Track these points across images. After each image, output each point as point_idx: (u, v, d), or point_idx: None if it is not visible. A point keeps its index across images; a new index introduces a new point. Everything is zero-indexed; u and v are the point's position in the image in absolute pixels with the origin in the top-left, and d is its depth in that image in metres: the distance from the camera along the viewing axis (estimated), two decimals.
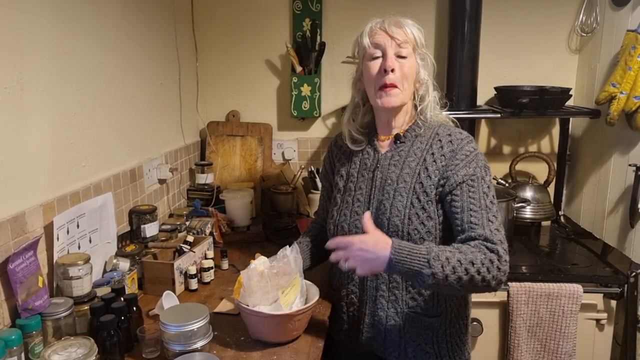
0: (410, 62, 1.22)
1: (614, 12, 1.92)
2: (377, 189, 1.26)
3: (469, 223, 1.13)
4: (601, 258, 1.91)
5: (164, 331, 1.11)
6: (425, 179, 1.20)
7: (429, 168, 1.20)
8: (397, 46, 1.21)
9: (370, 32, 1.24)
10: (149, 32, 1.86)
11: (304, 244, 1.43)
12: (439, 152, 1.21)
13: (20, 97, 1.18)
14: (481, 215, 1.14)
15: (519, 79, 2.23)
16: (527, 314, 1.74)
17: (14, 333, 1.01)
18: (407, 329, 1.22)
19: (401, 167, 1.24)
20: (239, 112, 2.39)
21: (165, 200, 2.00)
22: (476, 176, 1.17)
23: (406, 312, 1.22)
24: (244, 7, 2.30)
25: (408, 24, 1.24)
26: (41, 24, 1.25)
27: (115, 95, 1.62)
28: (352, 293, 1.29)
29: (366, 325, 1.27)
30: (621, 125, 1.80)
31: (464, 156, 1.19)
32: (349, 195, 1.30)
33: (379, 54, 1.22)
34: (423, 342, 1.23)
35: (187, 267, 1.52)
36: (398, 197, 1.21)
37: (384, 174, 1.26)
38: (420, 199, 1.19)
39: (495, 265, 1.08)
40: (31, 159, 1.23)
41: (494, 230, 1.12)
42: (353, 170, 1.33)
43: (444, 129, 1.25)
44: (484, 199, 1.16)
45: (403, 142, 1.27)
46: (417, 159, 1.23)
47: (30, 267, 1.14)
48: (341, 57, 2.30)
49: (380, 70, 1.21)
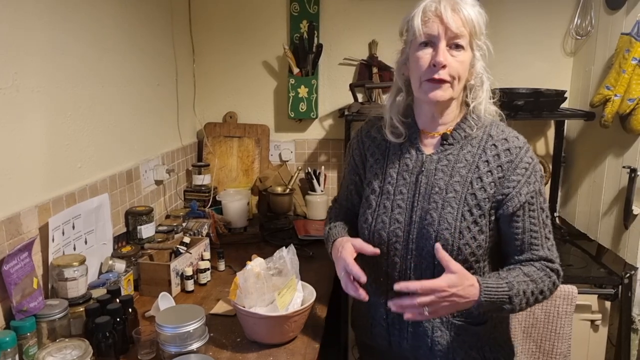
0: (465, 54, 1.08)
1: (608, 16, 1.93)
2: (422, 195, 1.13)
3: (529, 244, 1.11)
4: (596, 259, 1.92)
5: (160, 332, 1.11)
6: (479, 191, 1.10)
7: (483, 179, 1.10)
8: (452, 36, 1.06)
9: (423, 14, 1.07)
10: (146, 33, 1.86)
11: (340, 227, 1.29)
12: (495, 162, 1.10)
13: (16, 98, 1.18)
14: (540, 235, 1.11)
15: (515, 81, 2.24)
16: (522, 315, 1.74)
17: (8, 335, 1.01)
18: (453, 338, 1.16)
19: (450, 174, 1.12)
20: (236, 113, 2.39)
21: (162, 201, 1.99)
22: (536, 192, 1.11)
23: (452, 322, 1.15)
24: (241, 8, 2.30)
25: (467, 5, 1.07)
26: (37, 24, 1.25)
27: (112, 96, 1.62)
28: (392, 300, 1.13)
29: (409, 334, 1.18)
30: (615, 128, 1.81)
31: (524, 170, 1.10)
32: (387, 199, 1.17)
33: (430, 43, 1.07)
34: (469, 349, 1.17)
35: (183, 268, 1.52)
36: (448, 207, 1.10)
37: (430, 180, 1.13)
38: (472, 211, 1.10)
39: (555, 285, 1.12)
40: (27, 160, 1.22)
41: (552, 248, 1.13)
42: (391, 171, 1.18)
43: (496, 129, 1.14)
44: (542, 216, 1.12)
45: (451, 144, 1.14)
46: (469, 166, 1.12)
47: (25, 268, 1.13)
48: (338, 58, 2.31)
49: (430, 64, 1.07)
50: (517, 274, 1.08)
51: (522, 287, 1.06)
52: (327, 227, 1.31)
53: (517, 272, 1.09)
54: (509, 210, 1.09)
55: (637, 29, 1.67)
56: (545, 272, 1.10)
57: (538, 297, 1.09)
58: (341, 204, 1.36)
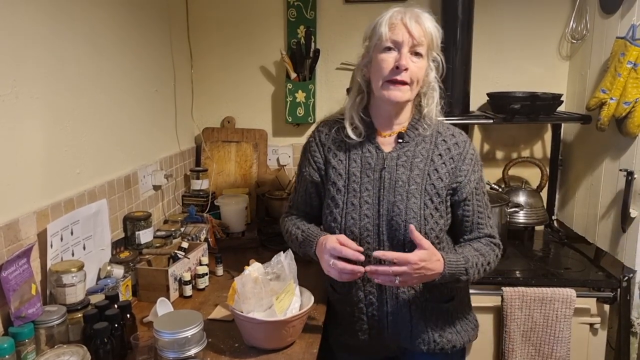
0: (423, 62, 1.22)
1: (603, 20, 1.95)
2: (387, 190, 1.25)
3: (477, 224, 1.29)
4: (594, 262, 1.92)
5: (158, 338, 1.11)
6: (436, 181, 1.25)
7: (439, 170, 1.26)
8: (414, 44, 1.19)
9: (389, 22, 1.21)
10: (144, 40, 1.87)
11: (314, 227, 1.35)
12: (447, 154, 1.27)
13: (15, 104, 1.18)
14: (485, 215, 1.30)
15: (511, 85, 2.25)
16: (521, 319, 1.74)
17: (7, 341, 1.01)
18: (428, 318, 1.30)
19: (410, 168, 1.26)
20: (234, 118, 2.40)
21: (160, 206, 1.99)
22: (480, 178, 1.30)
23: (425, 303, 1.30)
24: (239, 14, 2.31)
25: (427, 20, 1.22)
26: (35, 32, 1.26)
27: (110, 102, 1.62)
28: (370, 294, 1.30)
29: (390, 322, 1.30)
30: (612, 131, 1.81)
31: (470, 160, 1.28)
32: (354, 197, 1.27)
33: (394, 47, 1.20)
34: (443, 325, 1.32)
35: (181, 273, 1.52)
36: (412, 198, 1.24)
37: (392, 175, 1.26)
38: (433, 200, 1.25)
39: (498, 257, 1.31)
40: (25, 166, 1.23)
41: (493, 226, 1.32)
42: (354, 170, 1.29)
43: (442, 127, 1.31)
44: (485, 199, 1.31)
45: (407, 142, 1.28)
46: (425, 160, 1.27)
47: (24, 274, 1.13)
48: (335, 63, 2.32)
49: (394, 66, 1.19)
50: (470, 249, 1.26)
51: (475, 260, 1.23)
52: (296, 232, 1.36)
53: (469, 248, 1.27)
54: (462, 197, 1.27)
55: (631, 33, 1.68)
56: (490, 246, 1.29)
57: (486, 268, 1.26)
58: (299, 209, 1.44)
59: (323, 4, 2.27)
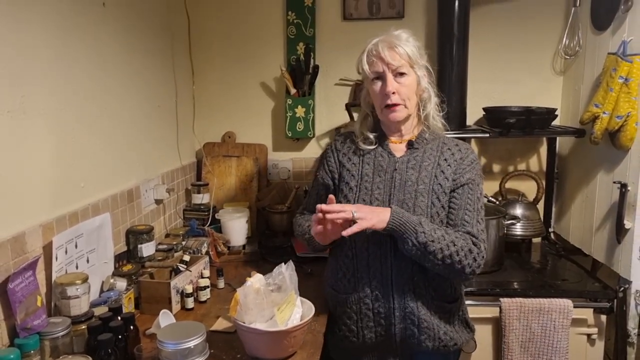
0: (409, 78, 1.34)
1: (595, 36, 2.00)
2: (397, 189, 1.36)
3: (462, 220, 1.33)
4: (590, 274, 1.95)
5: (161, 349, 1.12)
6: (443, 180, 1.35)
7: (445, 171, 1.37)
8: (394, 69, 1.32)
9: (367, 59, 1.35)
10: (147, 57, 1.91)
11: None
12: (451, 158, 1.38)
13: (23, 120, 1.21)
14: (473, 216, 1.34)
15: (507, 99, 2.29)
16: (519, 329, 1.76)
17: (13, 352, 1.02)
18: (434, 315, 1.36)
19: (419, 170, 1.37)
20: (234, 133, 2.44)
21: (161, 220, 2.02)
22: (476, 182, 1.37)
23: (431, 301, 1.35)
24: (240, 32, 2.36)
25: (402, 41, 1.33)
26: (43, 50, 1.30)
27: (114, 118, 1.66)
28: (375, 289, 1.36)
29: (397, 318, 1.35)
30: (606, 144, 1.85)
31: (469, 162, 1.38)
32: (366, 195, 1.37)
33: (379, 77, 1.35)
34: (446, 324, 1.38)
35: (183, 286, 1.54)
36: (420, 197, 1.34)
37: (402, 176, 1.37)
38: (440, 198, 1.34)
39: (472, 255, 1.28)
40: (32, 180, 1.25)
41: (480, 230, 1.34)
42: (367, 171, 1.41)
43: (447, 139, 1.44)
44: (477, 202, 1.36)
45: (417, 148, 1.41)
46: (432, 163, 1.38)
47: (30, 286, 1.15)
48: (334, 79, 2.37)
49: (382, 93, 1.34)
50: (438, 227, 1.30)
51: (434, 234, 1.25)
52: (304, 223, 1.47)
53: (438, 227, 1.30)
54: (454, 187, 1.35)
55: (622, 49, 1.73)
56: (466, 239, 1.30)
57: (449, 245, 1.26)
58: (310, 211, 1.52)
59: (322, 21, 2.33)
